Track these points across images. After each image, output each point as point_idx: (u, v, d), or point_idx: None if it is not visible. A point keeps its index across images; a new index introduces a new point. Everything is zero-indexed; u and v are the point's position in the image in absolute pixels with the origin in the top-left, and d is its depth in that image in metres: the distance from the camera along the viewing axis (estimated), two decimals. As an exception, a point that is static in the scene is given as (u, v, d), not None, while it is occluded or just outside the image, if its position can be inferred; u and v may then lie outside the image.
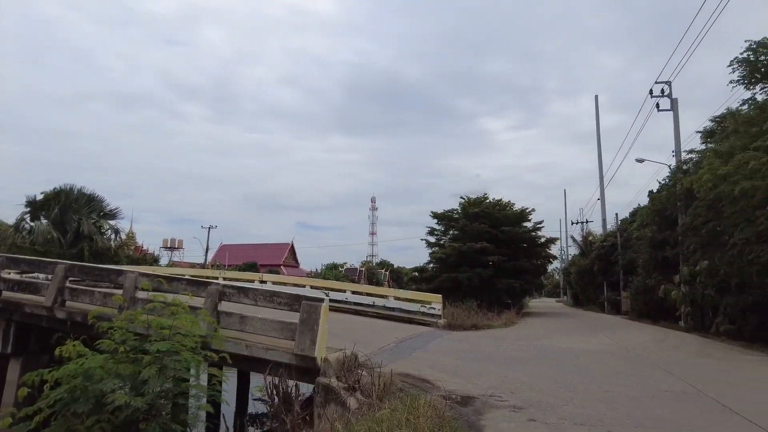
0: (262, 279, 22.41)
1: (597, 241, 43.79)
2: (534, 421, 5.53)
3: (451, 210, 33.30)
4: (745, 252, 13.32)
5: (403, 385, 7.62)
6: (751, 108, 16.10)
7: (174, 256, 64.77)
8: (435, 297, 19.98)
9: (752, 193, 11.91)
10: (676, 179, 21.61)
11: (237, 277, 23.54)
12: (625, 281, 34.10)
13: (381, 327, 16.12)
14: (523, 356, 10.93)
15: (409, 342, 12.91)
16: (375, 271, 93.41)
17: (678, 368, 9.37)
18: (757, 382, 8.35)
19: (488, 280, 29.54)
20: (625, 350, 12.36)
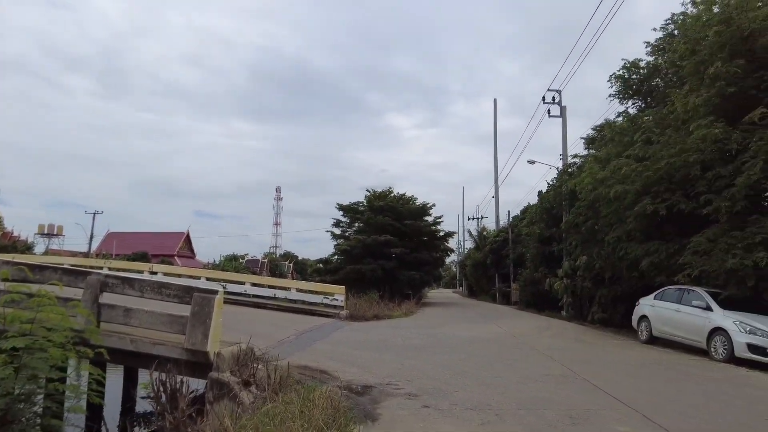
0: (152, 270, 20.91)
1: (491, 236, 46.54)
2: (428, 407, 5.70)
3: (356, 202, 33.50)
4: (617, 249, 14.86)
5: (301, 378, 7.49)
6: (624, 120, 17.96)
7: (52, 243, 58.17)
8: (338, 288, 19.98)
9: (624, 196, 13.30)
10: (562, 181, 23.55)
11: (125, 267, 21.76)
12: (515, 274, 36.63)
13: (282, 319, 15.79)
14: (420, 344, 11.27)
15: (310, 334, 12.77)
16: (278, 263, 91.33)
17: (558, 353, 10.22)
18: (621, 364, 9.34)
19: (391, 271, 30.18)
20: (513, 337, 13.25)
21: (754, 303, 10.28)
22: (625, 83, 25.19)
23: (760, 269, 9.55)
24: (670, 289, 11.95)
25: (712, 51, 12.21)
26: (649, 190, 12.52)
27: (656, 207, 11.98)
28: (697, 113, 11.92)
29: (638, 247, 13.04)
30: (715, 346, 9.74)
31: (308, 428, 3.92)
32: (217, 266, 59.62)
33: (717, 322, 9.80)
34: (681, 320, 10.90)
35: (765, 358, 8.89)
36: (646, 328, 12.26)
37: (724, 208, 10.42)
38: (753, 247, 9.73)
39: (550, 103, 26.58)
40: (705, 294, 10.59)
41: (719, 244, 10.30)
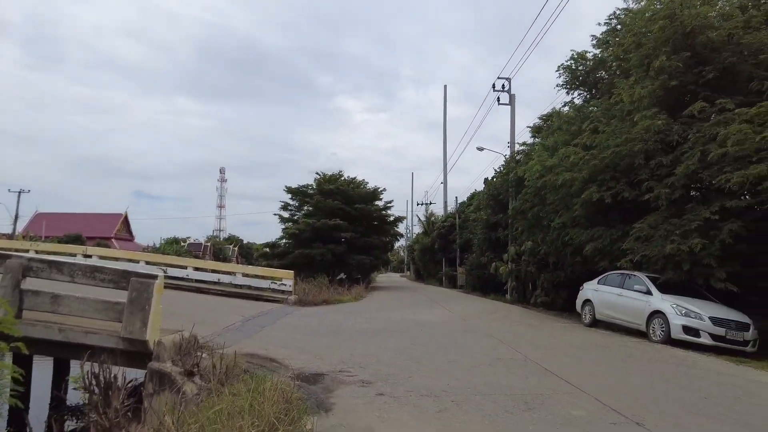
0: (86, 253, 19.58)
1: (439, 221, 47.13)
2: (383, 395, 5.54)
3: (305, 185, 32.83)
4: (562, 234, 15.28)
5: (248, 367, 7.16)
6: (572, 109, 18.42)
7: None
8: (286, 273, 19.51)
9: (571, 184, 13.62)
10: (510, 168, 23.99)
11: (55, 251, 20.24)
12: (461, 258, 37.32)
13: (227, 305, 15.22)
14: (371, 329, 11.14)
15: (257, 320, 12.35)
16: (222, 247, 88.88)
17: (507, 337, 10.38)
18: (568, 347, 9.60)
19: (341, 256, 29.91)
20: (462, 321, 13.39)
21: (688, 287, 10.84)
22: (572, 74, 25.82)
23: (695, 254, 10.03)
24: (612, 274, 12.42)
25: (656, 45, 12.62)
26: (596, 178, 12.88)
27: (602, 195, 12.36)
28: (642, 104, 12.32)
29: (583, 233, 13.44)
30: (653, 328, 10.22)
31: (259, 424, 3.63)
32: (157, 250, 57.05)
33: (656, 305, 10.26)
34: (623, 304, 11.36)
35: (697, 339, 9.41)
36: (589, 311, 12.71)
37: (664, 195, 10.86)
38: (689, 233, 10.19)
39: (500, 91, 26.91)
40: (645, 279, 11.07)
41: (659, 230, 10.74)
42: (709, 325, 9.37)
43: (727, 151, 9.70)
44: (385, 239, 34.37)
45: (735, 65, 11.82)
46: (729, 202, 9.83)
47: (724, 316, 9.57)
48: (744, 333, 9.44)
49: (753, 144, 9.40)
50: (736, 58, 11.81)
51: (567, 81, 26.76)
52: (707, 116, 10.94)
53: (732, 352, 9.21)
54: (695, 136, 10.64)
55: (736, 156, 9.65)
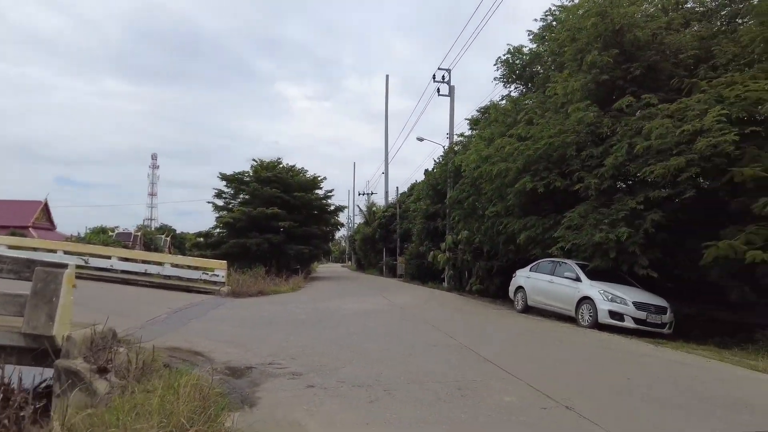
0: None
1: (379, 211, 47.22)
2: (313, 387, 5.30)
3: (241, 172, 31.66)
4: (496, 223, 15.60)
5: (170, 361, 6.70)
6: (508, 102, 18.81)
7: None
8: (218, 263, 18.74)
9: (506, 174, 13.88)
10: (448, 158, 24.29)
11: (-47, 239, 18.24)
12: (401, 248, 37.58)
13: (154, 297, 14.39)
14: (307, 319, 10.83)
15: (186, 312, 11.72)
16: (154, 237, 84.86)
17: (442, 323, 10.42)
18: (501, 332, 9.77)
19: (279, 245, 29.17)
20: (399, 309, 13.35)
21: (614, 274, 11.35)
22: (509, 67, 26.42)
23: (621, 243, 10.49)
24: (544, 262, 12.80)
25: (589, 40, 13.05)
26: (529, 168, 13.19)
27: (535, 184, 12.66)
28: (575, 97, 12.71)
29: (517, 222, 13.76)
30: (582, 313, 10.62)
31: (167, 425, 3.28)
32: (81, 240, 53.45)
33: (585, 291, 10.67)
34: (554, 290, 11.74)
35: (622, 322, 9.87)
36: (521, 298, 13.05)
37: (594, 185, 11.27)
38: (617, 222, 10.64)
39: (440, 82, 27.10)
40: (575, 266, 11.48)
41: (589, 219, 11.14)
42: (632, 310, 9.85)
43: (651, 144, 10.18)
44: (325, 229, 33.91)
45: (658, 63, 12.43)
46: (652, 193, 10.33)
47: (645, 301, 10.09)
48: (662, 316, 10.01)
49: (673, 138, 9.90)
50: (659, 56, 12.43)
51: (504, 75, 27.36)
52: (634, 111, 11.44)
53: (651, 335, 9.74)
54: (623, 129, 11.10)
55: (658, 149, 10.13)
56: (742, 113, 9.56)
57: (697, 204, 10.66)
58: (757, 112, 9.62)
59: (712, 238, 9.79)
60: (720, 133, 9.25)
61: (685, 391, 5.50)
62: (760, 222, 9.10)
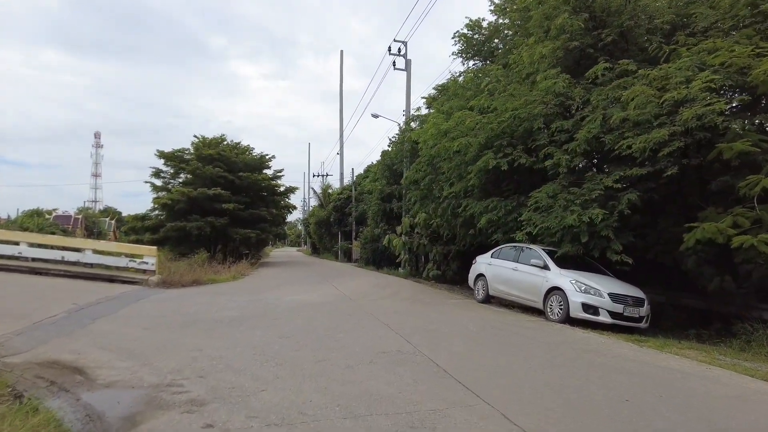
0: None
1: (334, 194, 45.48)
2: (212, 427, 3.79)
3: (181, 150, 29.17)
4: (453, 206, 14.36)
5: (33, 384, 5.05)
6: (468, 75, 17.48)
7: None
8: (147, 249, 16.69)
9: (466, 150, 12.59)
10: (404, 136, 22.88)
11: None
12: (357, 232, 36.14)
13: (63, 290, 12.35)
14: (237, 316, 9.23)
15: (95, 308, 9.87)
16: (97, 220, 80.00)
17: (396, 319, 9.07)
18: (462, 331, 8.49)
19: (223, 229, 27.13)
20: (350, 300, 11.93)
21: (583, 261, 10.32)
22: (467, 42, 25.15)
23: (593, 226, 9.42)
24: (507, 248, 11.66)
25: (557, 4, 11.82)
26: (492, 144, 11.94)
27: (498, 162, 11.43)
28: (543, 65, 11.49)
29: (477, 204, 12.53)
30: (551, 306, 9.50)
31: None
32: (12, 223, 49.09)
33: (554, 281, 9.54)
34: (518, 279, 10.59)
35: (597, 317, 8.81)
36: (482, 287, 11.89)
37: (564, 162, 10.13)
38: (589, 203, 9.55)
39: (396, 55, 25.55)
40: (542, 252, 10.34)
41: (558, 200, 10.00)
42: (608, 302, 8.79)
43: (629, 114, 9.06)
44: (274, 212, 31.92)
45: (632, 29, 11.36)
46: (630, 171, 9.26)
47: (622, 292, 9.04)
48: (639, 309, 9.01)
49: (654, 108, 8.82)
50: (633, 21, 11.34)
51: (462, 50, 26.06)
52: (609, 80, 10.31)
53: (628, 330, 8.74)
54: (597, 99, 9.95)
55: (637, 120, 9.04)
56: (728, 81, 8.56)
57: (673, 183, 9.70)
58: (743, 81, 8.64)
59: (689, 220, 8.84)
60: (705, 103, 8.22)
61: (704, 419, 4.35)
62: (746, 203, 8.19)
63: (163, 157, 28.94)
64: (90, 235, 68.20)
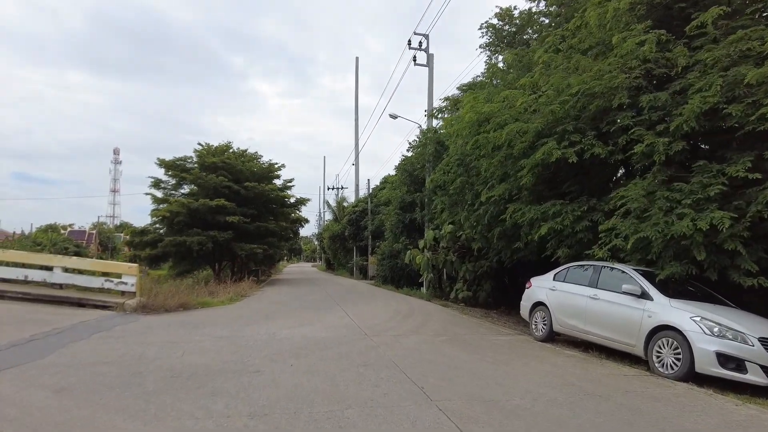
0: None
1: (349, 207, 42.91)
2: None
3: (183, 158, 26.79)
4: (490, 212, 11.52)
5: None
6: (507, 56, 14.67)
7: None
8: (126, 267, 14.11)
9: (515, 142, 9.77)
10: (427, 138, 20.18)
11: None
12: (373, 246, 33.36)
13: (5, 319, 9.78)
14: (203, 366, 6.46)
15: (16, 350, 7.25)
16: (111, 235, 78.87)
17: (432, 377, 6.20)
18: (536, 398, 5.59)
19: (226, 244, 24.52)
20: (364, 337, 9.08)
21: (691, 287, 7.35)
22: (496, 34, 22.38)
23: (712, 235, 6.49)
24: (576, 267, 8.68)
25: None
26: (553, 130, 9.10)
27: (564, 152, 8.55)
28: (618, 24, 8.67)
29: (531, 210, 9.64)
30: (659, 353, 6.51)
31: None
32: (26, 238, 47.59)
33: (663, 317, 6.53)
34: (600, 312, 7.62)
35: (743, 375, 5.79)
36: (543, 320, 8.92)
37: (661, 146, 7.21)
38: (704, 203, 6.63)
39: (416, 49, 22.92)
40: (637, 275, 7.33)
41: (657, 200, 7.08)
42: (760, 352, 5.79)
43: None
44: (284, 224, 29.30)
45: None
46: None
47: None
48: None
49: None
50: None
51: (490, 42, 23.27)
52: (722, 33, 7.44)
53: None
54: (713, 55, 7.05)
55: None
56: None
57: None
58: None
59: None
60: None
61: None
62: None
63: (164, 165, 26.57)
64: (104, 250, 66.75)
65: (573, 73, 9.12)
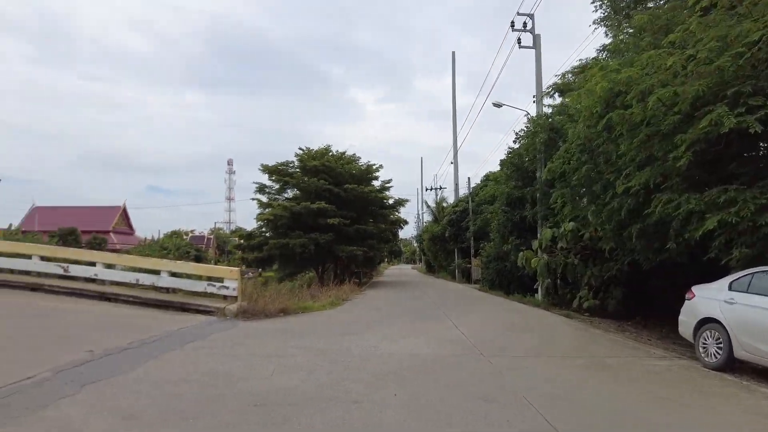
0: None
1: (449, 207, 41.34)
2: None
3: (285, 163, 27.14)
4: (628, 205, 9.45)
5: None
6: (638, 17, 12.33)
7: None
8: (228, 271, 13.99)
9: (664, 112, 7.75)
10: (537, 126, 18.12)
11: None
12: (476, 248, 31.50)
13: (104, 324, 9.81)
14: (291, 390, 5.48)
15: (109, 360, 6.88)
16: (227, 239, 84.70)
17: (577, 420, 4.64)
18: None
19: (327, 246, 24.31)
20: (479, 357, 7.63)
21: None
22: (613, 5, 19.69)
23: None
24: (764, 274, 6.51)
25: None
26: (720, 94, 6.99)
27: (742, 121, 6.45)
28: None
29: (689, 199, 7.54)
30: None
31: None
32: (155, 243, 52.43)
33: None
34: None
35: None
36: (717, 342, 6.81)
37: None
38: None
39: (520, 31, 20.88)
40: None
41: None
42: None
43: None
44: (383, 226, 28.61)
45: None
46: None
47: None
48: None
49: None
50: None
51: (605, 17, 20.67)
52: None
53: None
54: None
55: None
56: None
57: None
58: None
59: None
60: None
61: None
62: None
63: (267, 171, 27.15)
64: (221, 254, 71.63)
65: (745, 19, 6.95)
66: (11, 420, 4.50)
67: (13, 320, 9.51)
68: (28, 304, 11.26)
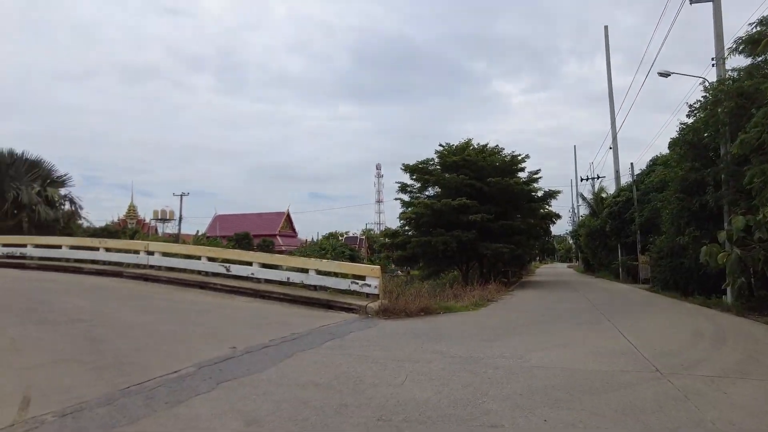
0: (148, 249, 16.53)
1: (609, 198, 37.16)
2: None
3: (426, 161, 26.87)
4: None
5: None
6: None
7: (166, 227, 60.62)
8: (369, 269, 14.00)
9: None
10: (720, 92, 15.00)
11: (120, 247, 17.69)
12: (643, 243, 27.70)
13: (259, 320, 10.40)
14: (424, 407, 4.81)
15: (249, 357, 6.99)
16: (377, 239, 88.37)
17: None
18: None
19: (470, 244, 23.43)
20: (654, 374, 6.14)
21: None
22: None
23: None
24: None
25: None
26: None
27: None
28: None
29: None
30: None
31: None
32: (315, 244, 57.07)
33: None
34: None
35: None
36: None
37: None
38: None
39: (694, -17, 17.59)
40: None
41: None
42: None
43: None
44: (531, 221, 26.70)
45: None
46: None
47: None
48: None
49: None
50: None
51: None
52: None
53: None
54: None
55: None
56: None
57: None
58: None
59: None
60: None
61: None
62: None
63: (408, 170, 27.19)
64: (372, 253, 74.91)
65: None
66: (151, 413, 4.58)
67: (179, 315, 10.46)
68: (194, 301, 12.43)
